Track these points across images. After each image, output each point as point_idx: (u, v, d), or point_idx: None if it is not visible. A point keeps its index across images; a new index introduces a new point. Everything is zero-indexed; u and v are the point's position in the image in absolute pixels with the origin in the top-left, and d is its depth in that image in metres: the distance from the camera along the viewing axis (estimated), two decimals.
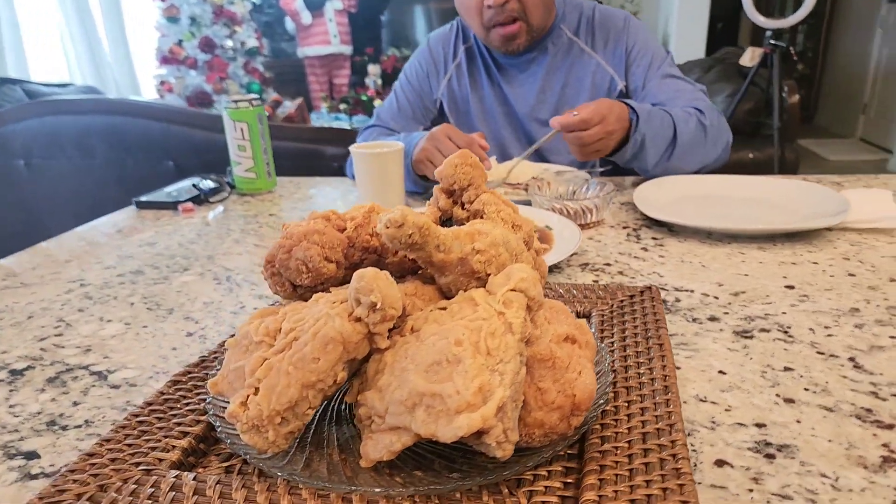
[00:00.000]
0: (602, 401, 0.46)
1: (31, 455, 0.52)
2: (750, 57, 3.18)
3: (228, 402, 0.48)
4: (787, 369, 0.58)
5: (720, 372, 0.58)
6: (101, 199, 2.52)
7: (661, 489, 0.38)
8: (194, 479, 0.41)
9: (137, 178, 2.44)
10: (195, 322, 0.77)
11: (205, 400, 0.51)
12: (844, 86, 6.38)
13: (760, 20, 3.18)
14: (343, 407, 0.51)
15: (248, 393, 0.42)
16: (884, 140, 5.91)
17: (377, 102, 5.87)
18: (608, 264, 0.87)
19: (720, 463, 0.46)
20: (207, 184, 1.42)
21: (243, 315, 0.77)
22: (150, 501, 0.40)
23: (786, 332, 0.65)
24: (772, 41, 3.14)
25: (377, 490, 0.39)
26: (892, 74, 5.64)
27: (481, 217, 0.55)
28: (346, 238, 0.49)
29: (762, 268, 0.82)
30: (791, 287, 0.75)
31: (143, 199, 1.34)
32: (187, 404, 0.51)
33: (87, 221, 1.25)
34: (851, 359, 0.59)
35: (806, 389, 0.55)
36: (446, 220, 0.58)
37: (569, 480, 0.43)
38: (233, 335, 0.65)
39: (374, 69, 5.73)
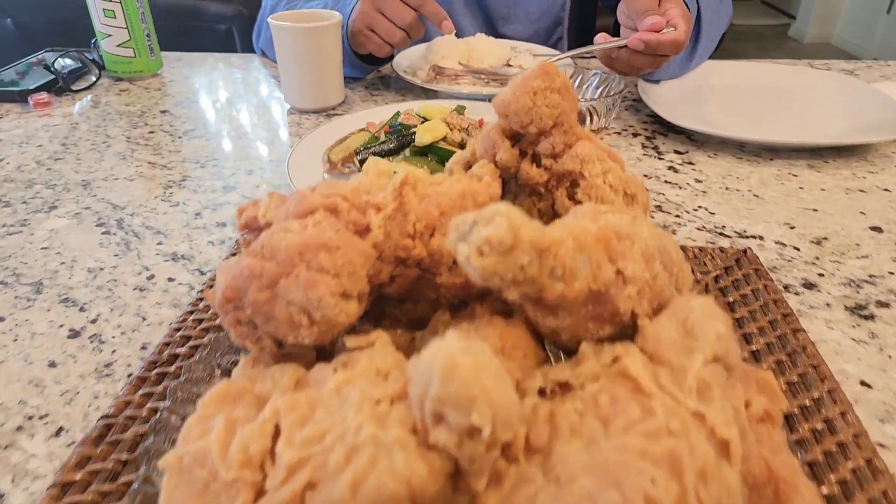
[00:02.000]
0: None
1: None
2: None
3: None
4: None
5: (863, 384, 0.43)
6: None
7: None
8: None
9: None
10: (80, 309, 0.51)
11: None
12: None
13: None
14: None
15: None
16: (786, 4, 5.92)
17: None
18: None
19: None
20: (66, 63, 1.05)
21: (153, 296, 0.53)
22: None
23: None
24: None
25: None
26: None
27: (574, 182, 0.33)
28: (371, 250, 0.26)
29: (828, 197, 0.66)
30: (878, 230, 0.60)
31: None
32: None
33: None
34: None
35: None
36: (507, 181, 0.36)
37: None
38: (156, 410, 0.40)
39: None
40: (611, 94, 0.81)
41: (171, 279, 0.55)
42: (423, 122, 0.68)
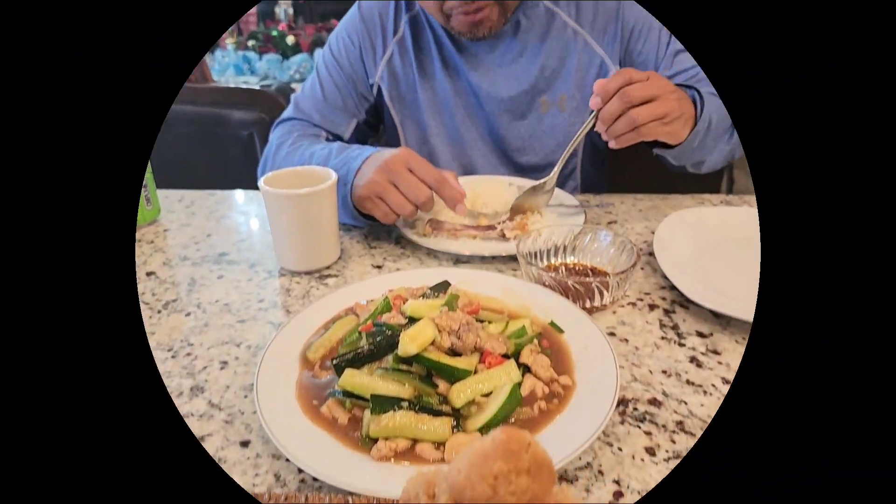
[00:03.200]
0: None
1: None
2: None
3: None
4: None
5: None
6: None
7: None
8: None
9: None
10: None
11: None
12: None
13: None
14: None
15: None
16: None
17: (290, 39, 5.19)
18: (655, 402, 0.59)
19: None
20: None
21: None
22: None
23: None
24: None
25: None
26: None
27: None
28: None
29: None
30: None
31: None
32: None
33: None
34: None
35: None
36: None
37: None
38: None
39: None
40: (622, 267, 0.74)
41: None
42: (408, 323, 0.61)
